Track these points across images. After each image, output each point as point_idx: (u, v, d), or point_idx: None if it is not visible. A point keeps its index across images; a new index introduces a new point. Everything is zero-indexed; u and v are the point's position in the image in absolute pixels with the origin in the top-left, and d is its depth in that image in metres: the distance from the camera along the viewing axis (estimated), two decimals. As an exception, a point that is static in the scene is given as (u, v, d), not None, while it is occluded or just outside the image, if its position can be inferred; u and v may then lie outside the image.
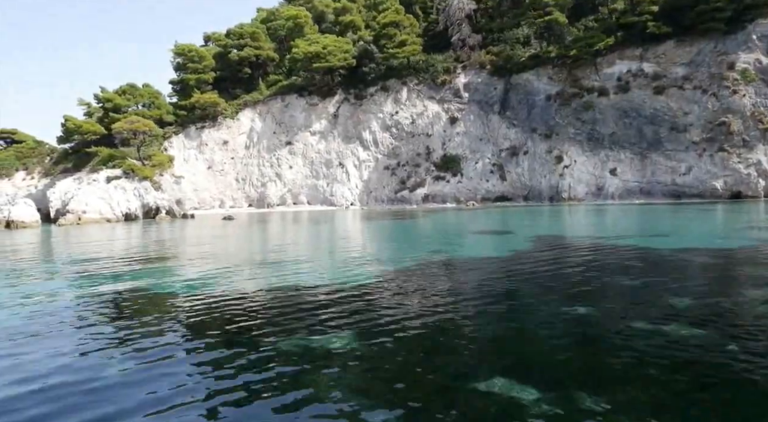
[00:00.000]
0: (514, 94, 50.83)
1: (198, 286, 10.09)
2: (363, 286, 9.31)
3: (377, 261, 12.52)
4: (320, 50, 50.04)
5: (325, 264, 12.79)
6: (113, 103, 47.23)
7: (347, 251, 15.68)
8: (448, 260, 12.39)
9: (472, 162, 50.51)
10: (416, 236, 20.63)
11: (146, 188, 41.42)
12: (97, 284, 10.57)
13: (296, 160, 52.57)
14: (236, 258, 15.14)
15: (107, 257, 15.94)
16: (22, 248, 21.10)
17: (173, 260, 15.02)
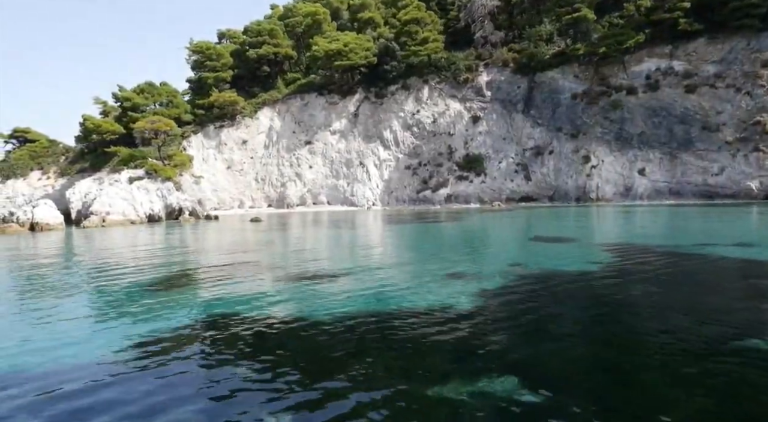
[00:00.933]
0: (538, 92, 49.94)
1: (276, 306, 9.35)
2: (473, 310, 8.55)
3: (465, 277, 11.74)
4: (341, 48, 49.19)
5: (404, 279, 12.00)
6: (132, 102, 46.48)
7: (416, 262, 14.90)
8: (540, 275, 11.60)
9: (496, 162, 49.67)
10: (473, 243, 19.77)
11: (169, 189, 40.70)
12: (171, 310, 9.83)
13: (316, 159, 51.79)
14: (300, 270, 14.37)
15: (159, 269, 15.18)
16: (56, 256, 20.36)
17: (229, 272, 14.25)
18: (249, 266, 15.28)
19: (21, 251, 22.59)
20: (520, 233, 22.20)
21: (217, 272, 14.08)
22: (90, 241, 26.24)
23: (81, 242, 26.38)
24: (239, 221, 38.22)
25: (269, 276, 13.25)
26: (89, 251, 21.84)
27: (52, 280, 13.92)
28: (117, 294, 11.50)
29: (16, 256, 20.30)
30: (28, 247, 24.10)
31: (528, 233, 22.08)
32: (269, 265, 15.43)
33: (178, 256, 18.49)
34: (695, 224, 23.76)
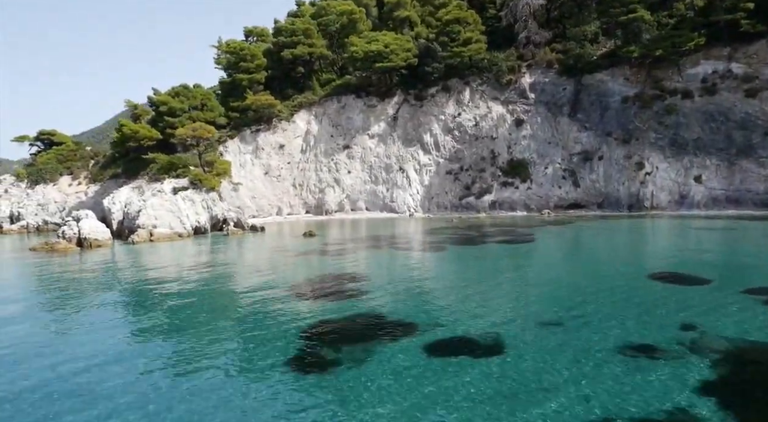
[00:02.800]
0: (585, 95, 48.38)
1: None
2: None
3: (659, 361, 10.38)
4: (382, 49, 47.53)
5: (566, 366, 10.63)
6: (168, 107, 44.88)
7: (551, 307, 13.54)
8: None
9: (541, 167, 48.20)
10: (583, 289, 18.23)
11: (213, 200, 39.29)
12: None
13: (354, 164, 50.31)
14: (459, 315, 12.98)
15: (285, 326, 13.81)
16: (156, 296, 18.95)
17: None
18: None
19: (103, 282, 21.17)
20: (625, 265, 20.77)
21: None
22: (155, 264, 24.80)
23: (147, 263, 24.85)
24: (289, 234, 36.82)
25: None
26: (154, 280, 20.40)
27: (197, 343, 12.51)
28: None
29: (115, 301, 18.88)
30: (103, 275, 22.68)
31: (634, 264, 20.69)
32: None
33: (279, 300, 17.04)
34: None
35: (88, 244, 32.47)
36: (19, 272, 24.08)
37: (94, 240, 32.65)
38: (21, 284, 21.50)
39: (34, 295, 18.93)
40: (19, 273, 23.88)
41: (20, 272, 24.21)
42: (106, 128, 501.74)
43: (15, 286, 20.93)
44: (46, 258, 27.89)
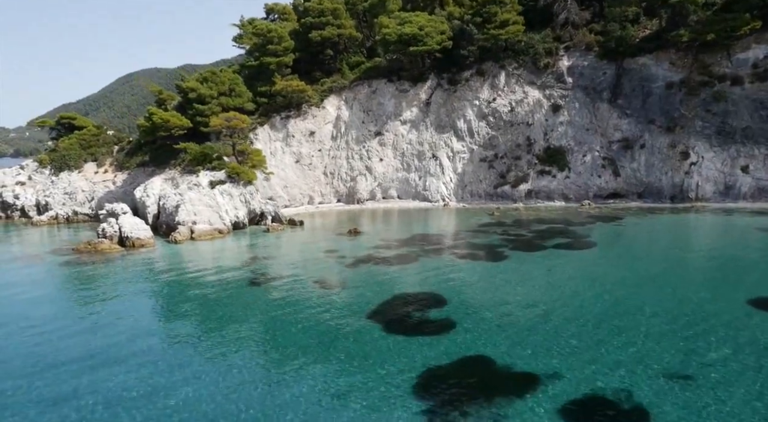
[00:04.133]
0: (627, 80, 46.67)
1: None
2: None
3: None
4: (416, 32, 45.61)
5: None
6: (197, 93, 43.34)
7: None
8: None
9: (579, 155, 46.92)
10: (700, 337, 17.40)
11: (251, 193, 38.34)
12: None
13: (386, 151, 49.07)
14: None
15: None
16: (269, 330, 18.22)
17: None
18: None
19: (188, 311, 20.46)
20: (716, 283, 19.94)
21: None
22: (213, 276, 24.00)
23: (204, 273, 23.96)
24: (331, 230, 35.93)
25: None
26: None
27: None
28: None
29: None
30: (176, 292, 21.96)
31: (722, 281, 19.85)
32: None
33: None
34: None
35: (131, 243, 31.72)
36: (88, 289, 23.23)
37: (137, 239, 31.86)
38: (106, 309, 20.69)
39: (135, 329, 18.06)
40: (88, 291, 23.06)
41: (88, 289, 23.39)
42: (101, 96, 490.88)
43: (102, 311, 20.01)
44: (97, 263, 27.15)
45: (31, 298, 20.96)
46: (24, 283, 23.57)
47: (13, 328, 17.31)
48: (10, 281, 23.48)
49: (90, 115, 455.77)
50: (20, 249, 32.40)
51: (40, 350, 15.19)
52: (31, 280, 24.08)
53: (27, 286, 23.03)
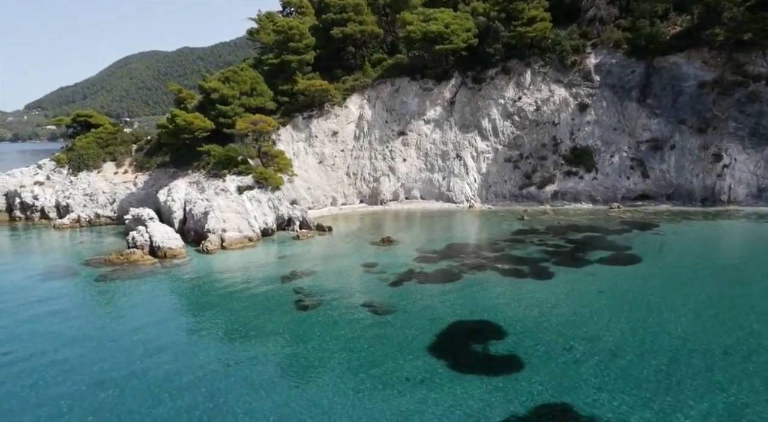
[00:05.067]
0: (657, 78, 45.76)
1: None
2: None
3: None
4: (443, 30, 44.56)
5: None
6: (220, 94, 42.49)
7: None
8: None
9: (607, 155, 46.19)
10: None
11: (279, 199, 37.79)
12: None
13: (410, 152, 48.35)
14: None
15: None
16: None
17: None
18: None
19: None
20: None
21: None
22: (258, 295, 23.53)
23: (249, 290, 23.39)
24: (363, 237, 35.35)
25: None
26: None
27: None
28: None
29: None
30: (228, 316, 21.48)
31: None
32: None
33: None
34: None
35: (162, 253, 31.25)
36: (135, 312, 22.75)
37: (169, 249, 31.39)
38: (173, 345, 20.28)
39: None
40: (136, 314, 22.61)
41: (135, 311, 22.94)
42: (99, 80, 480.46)
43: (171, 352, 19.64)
44: (135, 278, 26.71)
45: (82, 325, 20.57)
46: (66, 303, 23.16)
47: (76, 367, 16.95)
48: (53, 305, 23.02)
49: (88, 99, 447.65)
50: (51, 259, 31.91)
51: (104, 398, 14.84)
52: (73, 301, 23.62)
53: (70, 307, 22.62)
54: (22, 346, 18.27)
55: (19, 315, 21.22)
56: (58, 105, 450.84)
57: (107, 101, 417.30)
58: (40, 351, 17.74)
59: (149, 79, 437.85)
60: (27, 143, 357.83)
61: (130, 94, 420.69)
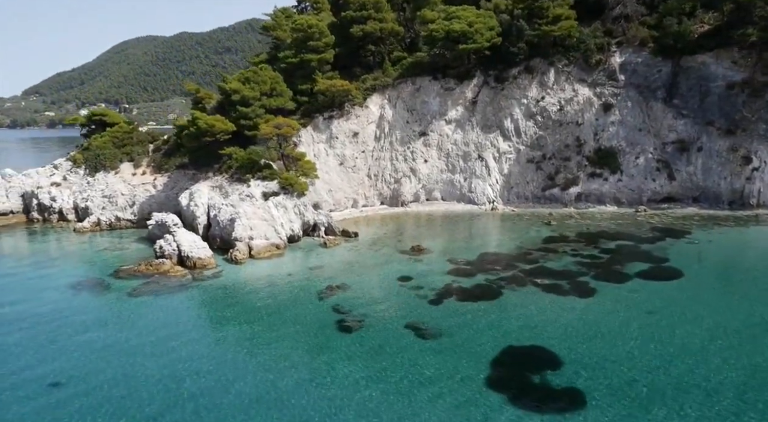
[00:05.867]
0: (683, 78, 44.89)
1: None
2: None
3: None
4: (466, 29, 43.67)
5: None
6: (240, 95, 41.76)
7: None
8: None
9: (632, 157, 45.55)
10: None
11: (305, 204, 37.36)
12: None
13: (431, 152, 47.74)
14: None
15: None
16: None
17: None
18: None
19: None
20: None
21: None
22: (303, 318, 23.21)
23: (294, 308, 22.97)
24: (391, 245, 34.90)
25: None
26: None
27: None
28: None
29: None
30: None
31: None
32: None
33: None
34: None
35: (192, 263, 30.94)
36: (175, 332, 22.40)
37: (198, 259, 31.05)
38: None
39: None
40: (176, 334, 22.29)
41: (176, 331, 22.62)
42: (96, 65, 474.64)
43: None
44: (169, 292, 26.40)
45: (125, 354, 20.26)
46: (103, 322, 22.87)
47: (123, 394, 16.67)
48: (94, 331, 22.67)
49: (86, 84, 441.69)
50: (79, 270, 31.60)
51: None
52: (109, 318, 23.31)
53: (109, 326, 22.33)
54: (75, 378, 17.92)
55: (60, 342, 20.79)
56: (56, 91, 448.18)
57: (105, 87, 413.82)
58: (94, 386, 17.38)
59: (147, 64, 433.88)
60: (26, 129, 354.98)
61: (128, 80, 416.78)
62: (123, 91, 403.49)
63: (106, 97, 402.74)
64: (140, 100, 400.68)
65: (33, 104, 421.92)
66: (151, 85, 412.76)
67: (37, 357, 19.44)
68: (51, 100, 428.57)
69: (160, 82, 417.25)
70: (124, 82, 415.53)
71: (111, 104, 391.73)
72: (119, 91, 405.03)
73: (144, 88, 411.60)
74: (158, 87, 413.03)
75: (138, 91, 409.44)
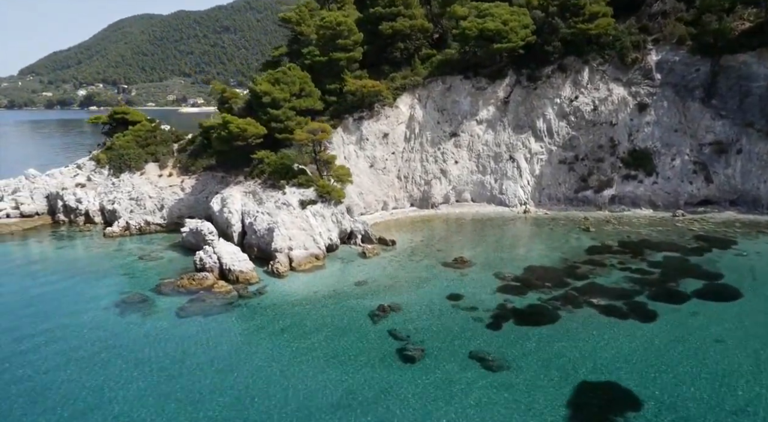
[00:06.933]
0: (723, 78, 43.84)
1: None
2: None
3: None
4: (501, 28, 42.49)
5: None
6: (271, 97, 40.85)
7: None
8: None
9: (668, 158, 44.76)
10: None
11: (342, 212, 36.79)
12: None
13: (462, 153, 46.97)
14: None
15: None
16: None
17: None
18: None
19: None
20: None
21: None
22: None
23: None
24: (431, 255, 34.41)
25: None
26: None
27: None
28: None
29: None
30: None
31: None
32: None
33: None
34: None
35: (234, 277, 30.51)
36: (246, 373, 22.14)
37: (240, 273, 30.64)
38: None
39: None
40: (246, 373, 21.99)
41: (246, 373, 22.29)
42: (93, 44, 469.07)
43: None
44: (220, 313, 25.99)
45: (189, 388, 19.90)
46: (157, 352, 22.50)
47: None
48: (151, 362, 22.29)
49: (83, 64, 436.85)
50: (117, 282, 31.19)
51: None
52: (162, 347, 22.87)
53: (163, 359, 21.96)
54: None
55: (122, 376, 20.38)
56: (52, 70, 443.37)
57: (102, 67, 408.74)
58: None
59: (144, 44, 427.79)
60: (23, 110, 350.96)
61: (126, 59, 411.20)
62: (121, 72, 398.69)
63: (103, 77, 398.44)
64: (138, 81, 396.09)
65: (30, 84, 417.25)
66: (149, 65, 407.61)
67: (100, 395, 19.01)
68: (48, 81, 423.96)
69: (158, 61, 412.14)
70: (122, 62, 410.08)
71: (109, 85, 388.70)
72: (117, 72, 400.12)
73: (142, 68, 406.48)
74: (156, 67, 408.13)
75: (136, 71, 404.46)
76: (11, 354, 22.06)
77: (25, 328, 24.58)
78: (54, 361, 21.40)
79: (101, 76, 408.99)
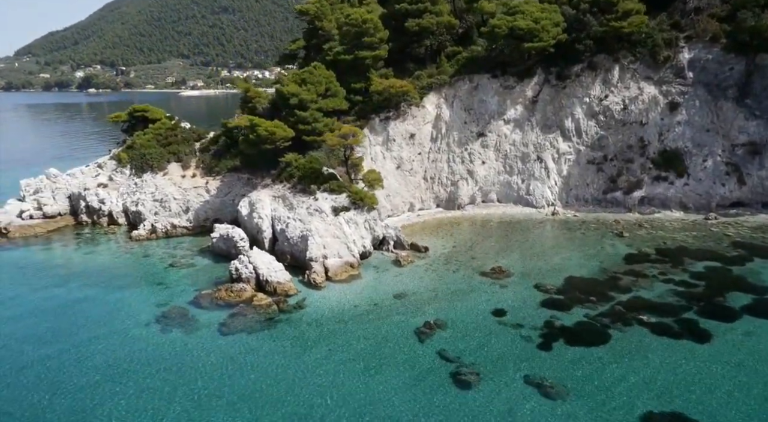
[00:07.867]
0: (758, 77, 42.96)
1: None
2: None
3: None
4: (532, 26, 41.47)
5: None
6: (299, 99, 40.06)
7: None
8: None
9: (699, 159, 44.11)
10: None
11: (375, 219, 36.34)
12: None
13: (488, 154, 46.31)
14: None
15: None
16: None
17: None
18: None
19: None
20: None
21: None
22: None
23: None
24: (467, 264, 34.01)
25: None
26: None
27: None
28: None
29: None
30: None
31: None
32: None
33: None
34: None
35: (272, 288, 30.25)
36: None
37: (278, 284, 30.35)
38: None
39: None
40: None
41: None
42: (89, 25, 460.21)
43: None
44: (262, 330, 25.75)
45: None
46: (210, 372, 22.30)
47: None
48: (205, 386, 22.09)
49: (80, 44, 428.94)
50: (152, 293, 30.89)
51: None
52: (212, 367, 22.66)
53: (216, 381, 21.75)
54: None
55: (169, 399, 20.23)
56: (49, 51, 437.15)
57: (100, 48, 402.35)
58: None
59: (142, 24, 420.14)
60: (21, 92, 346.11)
61: (123, 40, 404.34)
62: (118, 53, 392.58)
63: (101, 58, 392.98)
64: (137, 62, 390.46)
65: (27, 65, 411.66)
66: (147, 47, 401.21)
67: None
68: (45, 62, 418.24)
69: (156, 43, 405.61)
70: (119, 42, 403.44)
71: (107, 66, 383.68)
72: (114, 53, 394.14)
73: (140, 49, 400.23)
74: (154, 48, 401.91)
75: (134, 52, 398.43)
76: (79, 386, 21.83)
77: (65, 340, 24.33)
78: (109, 389, 21.19)
79: (99, 57, 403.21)
